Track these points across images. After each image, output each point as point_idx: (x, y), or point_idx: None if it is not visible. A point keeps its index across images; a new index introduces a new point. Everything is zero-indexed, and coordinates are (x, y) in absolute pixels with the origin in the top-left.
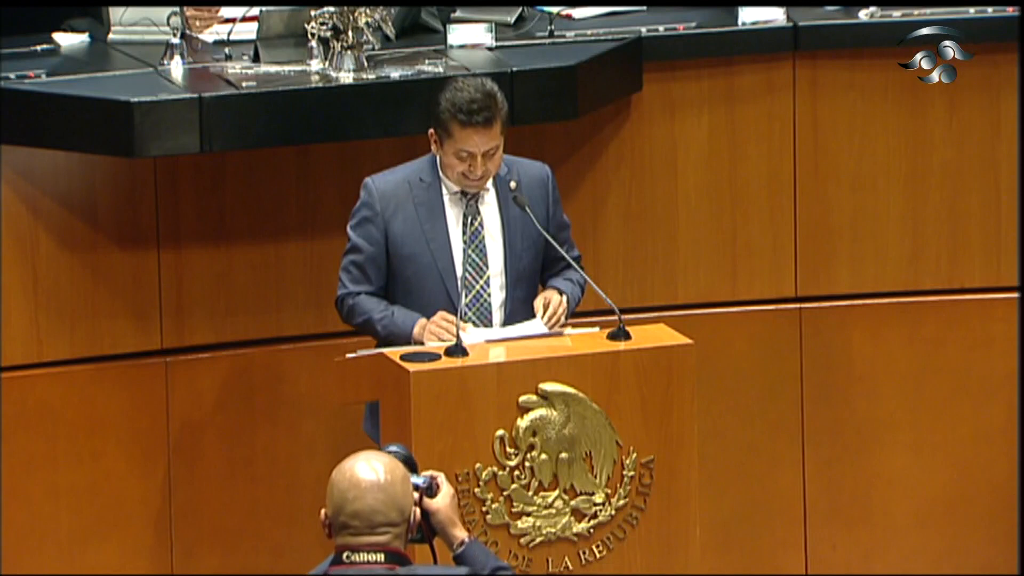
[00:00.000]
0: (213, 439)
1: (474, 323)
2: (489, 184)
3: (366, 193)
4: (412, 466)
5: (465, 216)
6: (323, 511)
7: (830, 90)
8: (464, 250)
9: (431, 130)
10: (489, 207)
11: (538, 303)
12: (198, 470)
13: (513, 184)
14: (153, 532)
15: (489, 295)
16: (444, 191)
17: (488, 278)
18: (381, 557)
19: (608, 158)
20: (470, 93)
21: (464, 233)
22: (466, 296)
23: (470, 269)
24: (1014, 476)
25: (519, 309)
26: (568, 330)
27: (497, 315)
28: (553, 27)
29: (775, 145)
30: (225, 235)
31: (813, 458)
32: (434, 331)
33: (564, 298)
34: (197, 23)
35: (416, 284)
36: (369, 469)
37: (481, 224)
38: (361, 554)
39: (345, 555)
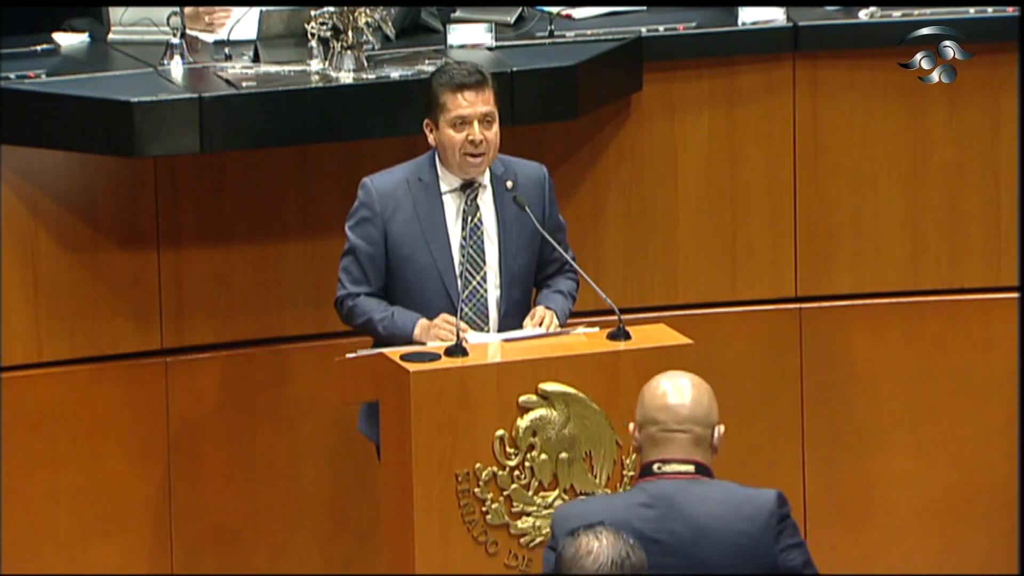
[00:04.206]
0: (213, 439)
1: (471, 320)
2: (486, 181)
3: (364, 193)
4: None
5: (464, 213)
6: (631, 425)
7: (830, 90)
8: (462, 246)
9: (426, 120)
10: (486, 205)
11: (528, 321)
12: (198, 470)
13: (509, 184)
14: (153, 532)
15: (485, 291)
16: (443, 189)
17: (484, 275)
18: (691, 468)
19: (608, 158)
20: (456, 66)
21: (463, 229)
22: (464, 291)
23: (467, 265)
24: (1014, 476)
25: (515, 311)
26: (582, 328)
27: (494, 313)
28: (553, 27)
29: (775, 145)
30: (225, 235)
31: (813, 458)
32: (439, 335)
33: (553, 314)
34: (207, 19)
35: (415, 284)
36: (680, 376)
37: (480, 221)
38: (672, 465)
39: (656, 466)
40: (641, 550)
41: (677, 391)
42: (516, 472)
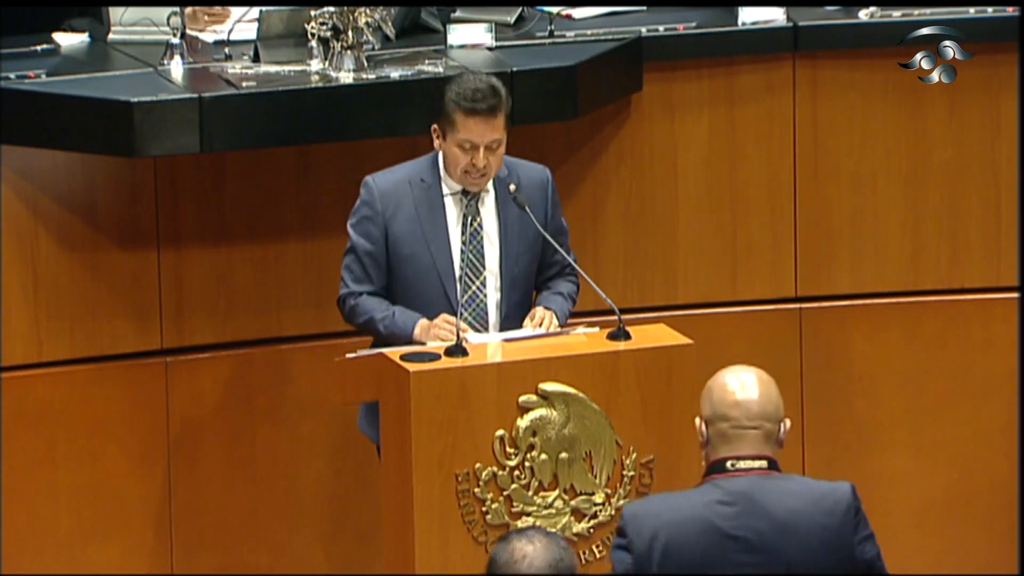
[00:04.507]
0: (213, 439)
1: (471, 324)
2: (489, 185)
3: (366, 192)
4: None
5: (465, 216)
6: (697, 420)
7: (830, 90)
8: (462, 250)
9: (434, 125)
10: (488, 209)
11: (527, 321)
12: (198, 470)
13: (513, 187)
14: (153, 532)
15: (485, 296)
16: (444, 191)
17: (484, 279)
18: (764, 464)
19: (608, 158)
20: (475, 84)
21: (463, 233)
22: (463, 296)
23: (467, 269)
24: (1014, 476)
25: (515, 313)
26: (582, 328)
27: (493, 317)
28: (553, 27)
29: (775, 145)
30: (225, 235)
31: (813, 458)
32: (439, 334)
33: (552, 315)
34: (206, 17)
35: (415, 284)
36: (747, 371)
37: (480, 225)
38: (745, 461)
39: (729, 463)
40: (572, 552)
41: (747, 387)
42: (516, 472)
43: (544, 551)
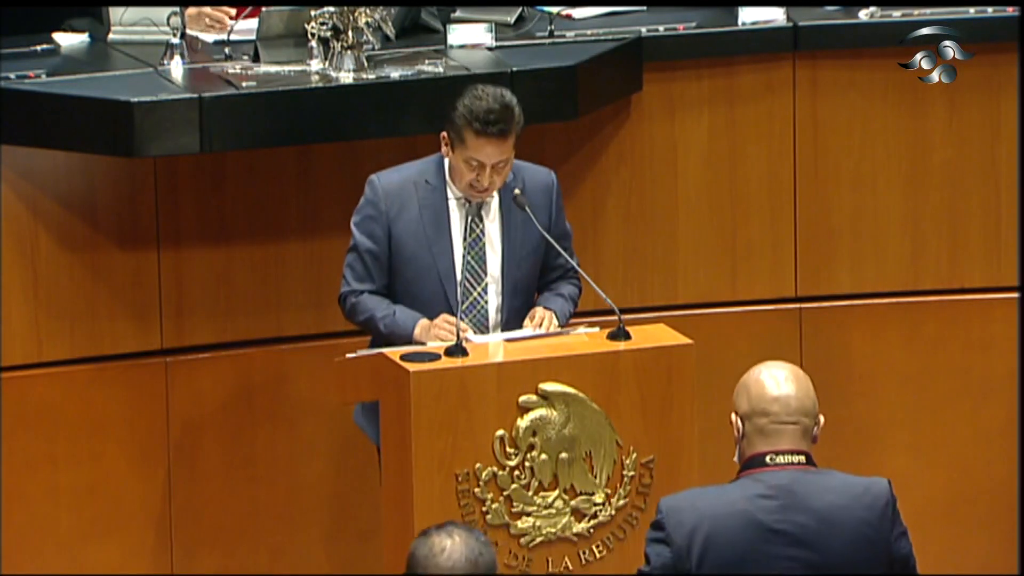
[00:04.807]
0: (213, 439)
1: (471, 329)
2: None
3: (371, 191)
4: None
5: (469, 222)
6: (732, 415)
7: (830, 90)
8: (464, 255)
9: (444, 132)
10: (492, 214)
11: (527, 322)
12: (198, 470)
13: (517, 191)
14: (153, 532)
15: (486, 302)
16: (449, 195)
17: (486, 285)
18: (803, 459)
19: (608, 158)
20: (488, 103)
21: (466, 239)
22: (464, 301)
23: (468, 275)
24: (1014, 476)
25: (515, 319)
26: (582, 328)
27: (493, 322)
28: (553, 27)
29: (775, 145)
30: (225, 235)
31: (813, 458)
32: (439, 335)
33: (552, 315)
34: (207, 20)
35: (416, 286)
36: (783, 367)
37: (483, 231)
38: (784, 456)
39: (768, 457)
40: (492, 549)
41: (786, 383)
42: (516, 472)
43: (463, 545)
